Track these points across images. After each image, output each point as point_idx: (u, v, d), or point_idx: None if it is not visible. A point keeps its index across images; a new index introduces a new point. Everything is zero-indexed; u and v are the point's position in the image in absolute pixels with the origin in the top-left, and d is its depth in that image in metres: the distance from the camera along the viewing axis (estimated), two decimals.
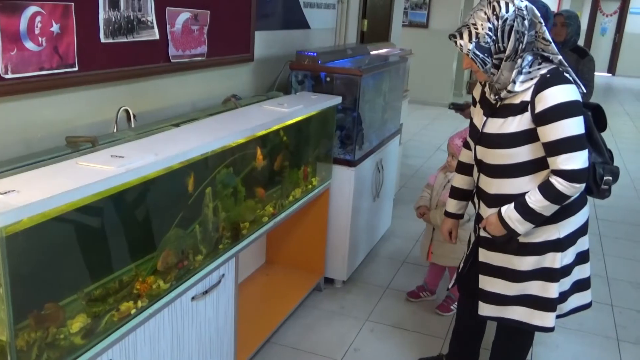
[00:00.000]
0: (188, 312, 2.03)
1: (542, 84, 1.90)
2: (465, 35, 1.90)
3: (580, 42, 4.31)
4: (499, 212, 2.03)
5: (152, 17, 2.25)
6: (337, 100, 3.07)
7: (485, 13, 1.89)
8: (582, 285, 2.23)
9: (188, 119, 2.37)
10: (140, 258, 1.86)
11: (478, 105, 2.15)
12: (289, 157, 2.87)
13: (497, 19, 1.87)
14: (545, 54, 1.97)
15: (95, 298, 1.68)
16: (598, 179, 2.09)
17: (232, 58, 2.88)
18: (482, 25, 1.88)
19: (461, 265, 2.39)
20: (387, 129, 3.94)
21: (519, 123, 1.95)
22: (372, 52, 4.11)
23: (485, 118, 2.06)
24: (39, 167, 1.61)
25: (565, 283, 2.14)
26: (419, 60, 5.85)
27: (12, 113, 1.80)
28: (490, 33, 1.88)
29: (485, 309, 2.22)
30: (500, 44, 1.89)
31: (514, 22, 1.87)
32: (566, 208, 2.00)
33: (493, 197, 2.08)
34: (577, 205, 2.06)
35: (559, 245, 2.06)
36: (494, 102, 2.03)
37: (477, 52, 1.90)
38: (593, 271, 3.80)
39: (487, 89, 2.08)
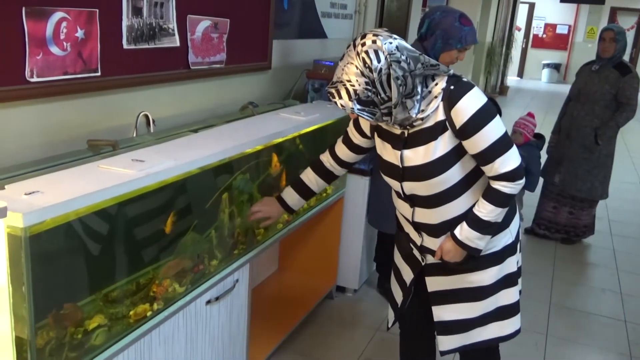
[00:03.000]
0: (202, 316, 2.05)
1: (451, 98, 1.76)
2: (344, 94, 1.68)
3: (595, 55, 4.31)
4: (454, 238, 1.88)
5: (173, 25, 2.29)
6: None
7: (357, 67, 1.67)
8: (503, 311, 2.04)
9: (206, 125, 2.41)
10: (157, 261, 1.88)
11: (379, 140, 1.94)
12: (304, 165, 2.88)
13: (371, 71, 1.65)
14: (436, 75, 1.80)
15: (112, 299, 1.71)
16: None
17: (250, 66, 2.92)
18: (357, 81, 1.66)
19: (398, 304, 2.18)
20: None
21: (444, 144, 1.80)
22: None
23: (399, 152, 1.85)
24: (62, 169, 1.64)
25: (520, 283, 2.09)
26: None
27: (36, 116, 1.84)
28: (368, 87, 1.67)
29: (447, 343, 2.04)
30: (383, 95, 1.68)
31: (389, 70, 1.66)
32: (510, 209, 1.96)
33: (438, 227, 1.92)
34: (514, 203, 2.01)
35: (514, 247, 2.00)
36: (400, 133, 1.84)
37: (362, 107, 1.70)
38: (607, 286, 3.80)
39: (382, 124, 1.89)
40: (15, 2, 1.66)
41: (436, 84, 1.79)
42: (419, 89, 1.76)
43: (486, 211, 1.83)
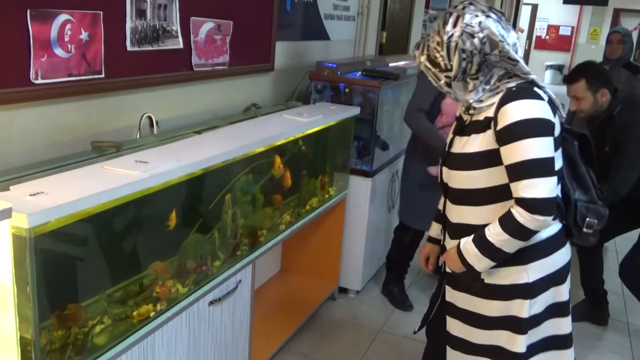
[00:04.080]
0: (205, 316, 2.06)
1: (506, 98, 1.66)
2: (421, 46, 1.73)
3: (599, 57, 4.33)
4: (458, 245, 1.78)
5: (176, 27, 2.30)
6: (355, 111, 3.10)
7: (437, 25, 1.69)
8: (556, 343, 1.88)
9: (209, 127, 2.42)
10: (161, 262, 1.89)
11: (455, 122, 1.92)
12: (307, 166, 2.90)
13: (444, 33, 1.67)
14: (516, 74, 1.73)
15: (116, 300, 1.72)
16: (579, 220, 1.81)
17: (253, 67, 2.93)
18: (432, 38, 1.70)
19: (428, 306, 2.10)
20: (404, 140, 3.95)
21: (480, 142, 1.71)
22: (390, 64, 4.13)
23: (452, 136, 1.84)
24: (66, 171, 1.65)
25: (534, 336, 1.83)
26: None
27: (40, 117, 1.86)
28: (438, 47, 1.69)
29: (451, 356, 1.93)
30: (447, 62, 1.68)
31: (459, 39, 1.64)
32: (537, 247, 1.75)
33: (455, 227, 1.84)
34: (550, 245, 1.79)
35: (528, 290, 1.77)
36: (465, 119, 1.81)
37: (429, 66, 1.73)
38: (609, 287, 3.79)
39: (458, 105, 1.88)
40: (20, 4, 1.67)
41: (508, 82, 1.70)
42: (488, 77, 1.70)
43: (493, 232, 1.68)
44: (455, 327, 1.91)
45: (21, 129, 1.80)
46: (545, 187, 1.61)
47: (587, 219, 1.81)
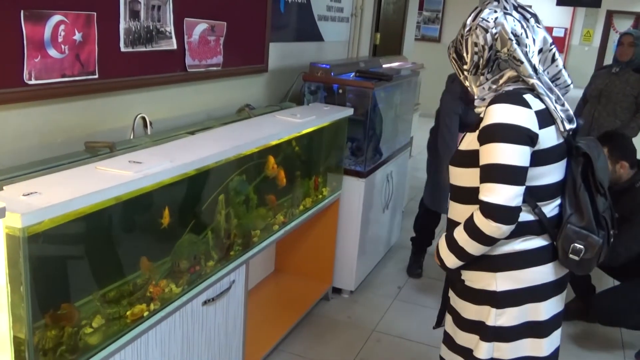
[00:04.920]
0: (198, 316, 2.07)
1: (493, 100, 1.65)
2: (453, 40, 1.77)
3: (592, 58, 4.35)
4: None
5: (170, 28, 2.31)
6: (349, 111, 3.12)
7: (465, 18, 1.72)
8: None
9: (203, 127, 2.42)
10: (154, 262, 1.90)
11: None
12: (300, 167, 2.91)
13: (464, 27, 1.71)
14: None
15: (109, 300, 1.72)
16: (564, 243, 1.70)
17: (246, 68, 2.93)
18: (459, 31, 1.73)
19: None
20: (398, 141, 3.97)
21: (470, 141, 1.71)
22: (384, 65, 4.15)
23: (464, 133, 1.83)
24: (60, 171, 1.66)
25: (505, 352, 1.75)
26: (431, 74, 5.89)
27: (34, 118, 1.86)
28: (460, 40, 1.72)
29: (442, 348, 1.95)
30: (464, 54, 1.71)
31: (473, 32, 1.66)
32: (507, 257, 1.70)
33: (448, 221, 1.83)
34: (524, 259, 1.71)
35: (495, 299, 1.72)
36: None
37: (455, 58, 1.76)
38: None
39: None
40: (13, 5, 1.68)
41: (509, 86, 1.68)
42: (497, 77, 1.69)
43: (458, 231, 1.70)
44: (448, 322, 1.92)
45: (15, 130, 1.81)
46: (503, 195, 1.56)
47: (574, 244, 1.68)
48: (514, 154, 1.58)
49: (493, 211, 1.58)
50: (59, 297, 1.56)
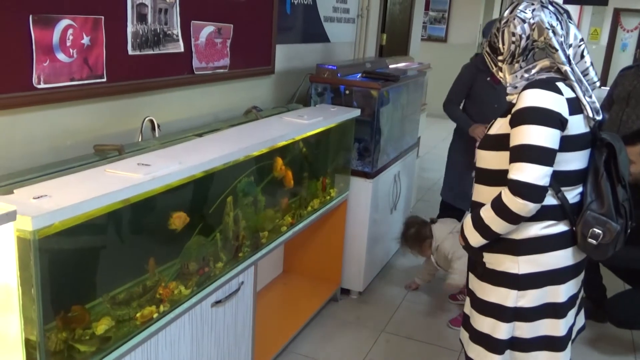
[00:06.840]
0: (208, 318, 2.08)
1: (526, 86, 1.73)
2: (487, 34, 1.88)
3: (600, 57, 4.29)
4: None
5: (177, 31, 2.32)
6: (355, 112, 3.12)
7: (501, 14, 1.84)
8: (550, 343, 1.86)
9: (211, 129, 2.43)
10: (163, 264, 1.91)
11: None
12: (308, 168, 2.91)
13: (500, 20, 1.82)
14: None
15: (119, 302, 1.73)
16: (584, 228, 1.76)
17: (253, 70, 2.94)
18: (495, 25, 1.85)
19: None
20: (405, 141, 3.97)
21: (501, 126, 1.78)
22: (390, 66, 4.15)
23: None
24: (69, 174, 1.67)
25: (525, 330, 1.84)
26: (437, 74, 5.89)
27: (43, 121, 1.87)
28: (496, 33, 1.82)
29: (461, 331, 2.03)
30: (500, 45, 1.80)
31: (511, 23, 1.75)
32: (529, 242, 1.78)
33: (473, 204, 1.89)
34: (545, 243, 1.79)
35: (516, 281, 1.80)
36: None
37: (489, 52, 1.86)
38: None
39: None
40: (22, 9, 1.69)
41: (542, 75, 1.75)
42: (530, 67, 1.77)
43: (485, 209, 1.77)
44: (467, 305, 1.99)
45: (24, 133, 1.82)
46: (532, 173, 1.64)
47: (593, 228, 1.75)
48: (545, 136, 1.65)
49: (521, 188, 1.65)
50: (70, 299, 1.57)
